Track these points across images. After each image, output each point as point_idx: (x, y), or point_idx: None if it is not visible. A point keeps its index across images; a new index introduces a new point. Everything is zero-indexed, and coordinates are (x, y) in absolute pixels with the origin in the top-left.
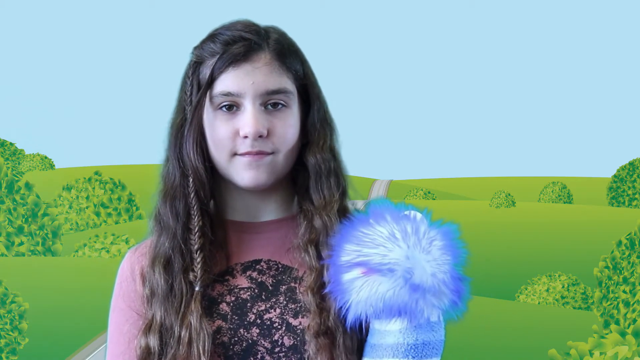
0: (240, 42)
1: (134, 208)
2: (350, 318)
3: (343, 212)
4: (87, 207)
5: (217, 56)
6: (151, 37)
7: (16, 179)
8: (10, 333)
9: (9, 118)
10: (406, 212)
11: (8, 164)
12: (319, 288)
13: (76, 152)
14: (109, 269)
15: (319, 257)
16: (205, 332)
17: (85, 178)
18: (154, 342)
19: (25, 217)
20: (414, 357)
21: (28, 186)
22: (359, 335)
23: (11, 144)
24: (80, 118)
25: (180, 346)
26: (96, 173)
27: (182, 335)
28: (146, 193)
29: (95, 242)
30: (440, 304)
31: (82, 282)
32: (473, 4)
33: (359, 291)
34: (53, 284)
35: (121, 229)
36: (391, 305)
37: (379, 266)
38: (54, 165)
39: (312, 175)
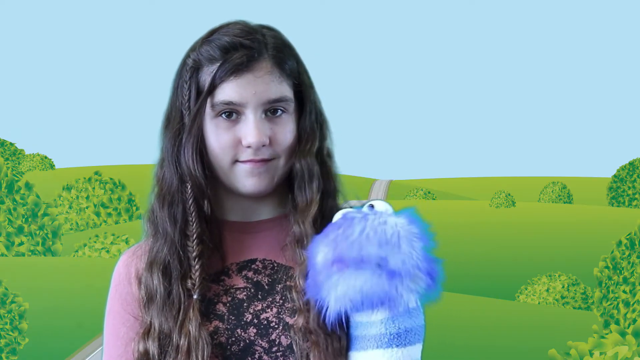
0: (241, 51)
1: (134, 208)
2: (331, 316)
3: (329, 212)
4: (87, 207)
5: (217, 63)
6: (150, 37)
7: (16, 179)
8: (10, 333)
9: (9, 118)
10: (370, 203)
11: (8, 164)
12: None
13: (76, 152)
14: (109, 269)
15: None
16: (204, 340)
17: (85, 178)
18: (153, 348)
19: (25, 217)
20: (397, 346)
21: (28, 186)
22: (342, 330)
23: (11, 144)
24: (80, 118)
25: (179, 355)
26: (96, 173)
27: (180, 344)
28: (146, 193)
29: (95, 242)
30: (417, 287)
31: (82, 282)
32: (473, 4)
33: (337, 287)
34: (53, 284)
35: (121, 229)
36: (370, 296)
37: (354, 260)
38: (54, 165)
39: (295, 179)
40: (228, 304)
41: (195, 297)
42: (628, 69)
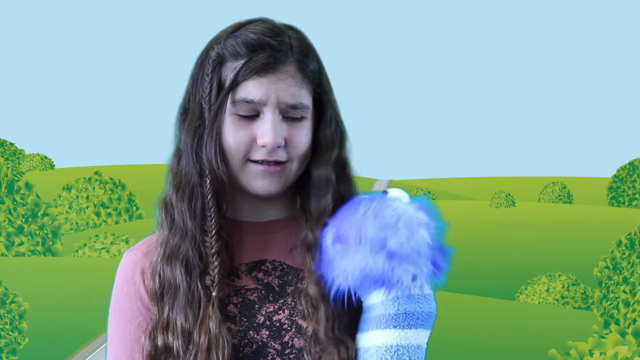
0: (267, 51)
1: (134, 208)
2: (332, 292)
3: None
4: (87, 207)
5: (242, 60)
6: (151, 37)
7: (16, 179)
8: (10, 333)
9: (9, 118)
10: (385, 191)
11: (8, 164)
12: (315, 294)
13: (76, 152)
14: (109, 269)
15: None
16: (225, 339)
17: (85, 178)
18: (176, 344)
19: (25, 217)
20: (395, 327)
21: (28, 186)
22: (349, 335)
23: (11, 144)
24: (80, 118)
25: (199, 353)
26: (96, 173)
27: (200, 342)
28: (146, 193)
29: (95, 242)
30: (417, 271)
31: (82, 282)
32: (473, 4)
33: (339, 264)
34: (53, 284)
35: (121, 229)
36: (368, 274)
37: (354, 239)
38: (54, 165)
39: (313, 187)
40: (239, 305)
41: (214, 294)
42: (628, 69)
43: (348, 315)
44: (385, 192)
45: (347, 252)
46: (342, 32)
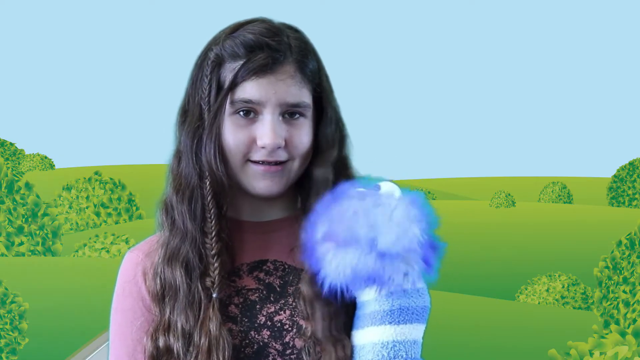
0: (266, 52)
1: (134, 208)
2: (324, 289)
3: None
4: (87, 207)
5: (241, 61)
6: (151, 37)
7: (16, 179)
8: (10, 333)
9: (9, 118)
10: (376, 184)
11: (8, 164)
12: (311, 295)
13: (76, 152)
14: (109, 269)
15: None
16: (225, 340)
17: (85, 178)
18: (177, 346)
19: (25, 217)
20: (390, 323)
21: (28, 186)
22: (346, 335)
23: (11, 144)
24: (80, 118)
25: (200, 354)
26: (96, 173)
27: (201, 343)
28: (146, 193)
29: (95, 242)
30: (409, 268)
31: (82, 282)
32: (473, 4)
33: (330, 263)
34: (53, 284)
35: (121, 229)
36: (360, 274)
37: (344, 239)
38: (54, 165)
39: (314, 187)
40: (240, 305)
41: (215, 295)
42: (628, 69)
43: (344, 312)
44: (377, 185)
45: (338, 252)
46: (342, 32)
